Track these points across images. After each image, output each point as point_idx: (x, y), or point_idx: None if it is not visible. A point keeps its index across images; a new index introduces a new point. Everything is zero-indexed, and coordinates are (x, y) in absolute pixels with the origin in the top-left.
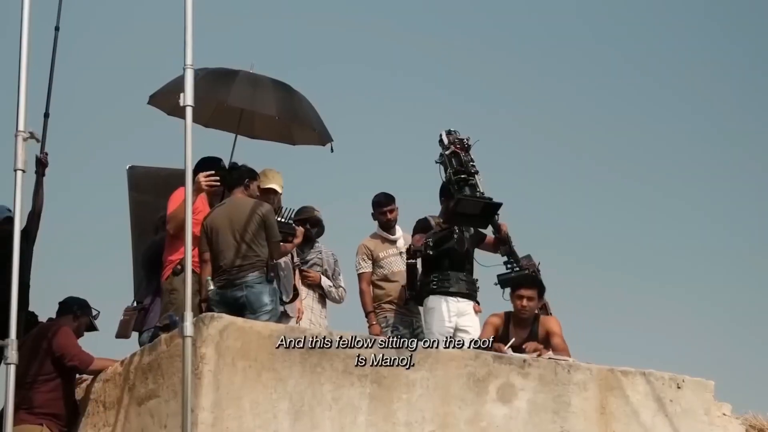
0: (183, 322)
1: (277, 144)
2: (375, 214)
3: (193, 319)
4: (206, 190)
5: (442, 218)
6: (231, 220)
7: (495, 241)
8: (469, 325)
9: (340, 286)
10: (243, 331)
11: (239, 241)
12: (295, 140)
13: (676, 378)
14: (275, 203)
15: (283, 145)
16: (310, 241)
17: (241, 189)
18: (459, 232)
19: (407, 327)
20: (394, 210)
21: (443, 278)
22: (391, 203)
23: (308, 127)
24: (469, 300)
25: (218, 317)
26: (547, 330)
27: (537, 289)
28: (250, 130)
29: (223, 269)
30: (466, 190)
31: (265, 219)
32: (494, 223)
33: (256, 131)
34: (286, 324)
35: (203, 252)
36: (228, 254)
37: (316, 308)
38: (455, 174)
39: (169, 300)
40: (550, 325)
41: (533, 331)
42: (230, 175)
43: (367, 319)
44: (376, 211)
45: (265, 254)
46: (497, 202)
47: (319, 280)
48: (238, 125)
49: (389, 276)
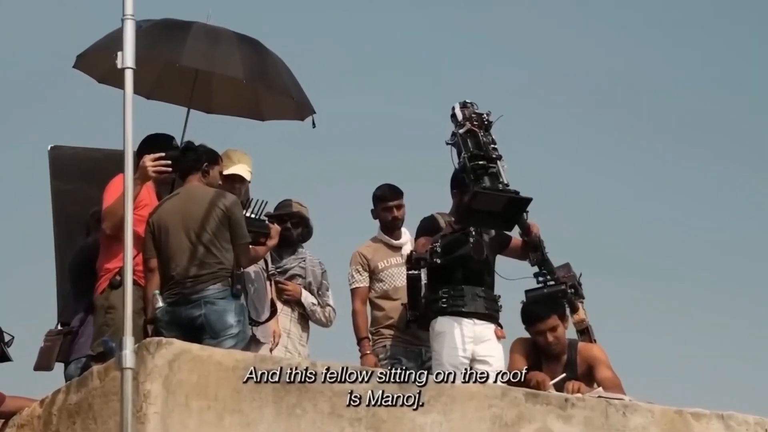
0: (122, 349)
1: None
2: (376, 212)
3: (134, 345)
4: (153, 178)
5: (454, 217)
6: (185, 217)
7: (523, 245)
8: (490, 355)
9: (327, 304)
10: (200, 362)
11: (196, 243)
12: (266, 113)
13: (764, 422)
14: (242, 194)
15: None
16: (289, 245)
17: (198, 176)
18: (476, 234)
19: (414, 359)
20: (402, 207)
21: (455, 294)
22: (397, 198)
23: (284, 94)
24: (489, 322)
25: (168, 343)
26: (589, 361)
27: (557, 313)
28: (208, 102)
29: (175, 280)
30: (485, 181)
31: (230, 214)
32: (522, 223)
33: (216, 102)
34: (257, 352)
35: (149, 258)
36: (181, 261)
37: (294, 332)
38: (471, 159)
39: (104, 321)
40: (594, 354)
41: (570, 362)
42: (184, 157)
43: (359, 348)
44: (378, 207)
45: (229, 260)
46: (526, 197)
47: (300, 295)
48: (191, 94)
49: (391, 293)
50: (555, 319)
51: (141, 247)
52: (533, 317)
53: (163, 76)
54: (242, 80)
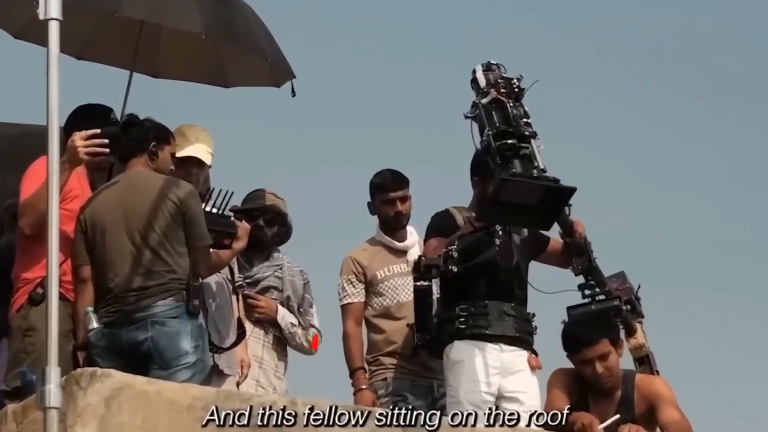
0: (44, 383)
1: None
2: (375, 206)
3: (61, 378)
4: (85, 161)
5: (475, 212)
6: (126, 212)
7: (564, 249)
8: (522, 391)
9: (311, 325)
10: (146, 399)
11: (140, 246)
12: (231, 78)
13: None
14: (201, 182)
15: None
16: (262, 248)
17: (144, 159)
18: (503, 235)
19: (423, 396)
20: (407, 199)
21: (477, 312)
22: (402, 187)
23: (255, 54)
24: (521, 348)
25: (104, 375)
26: (650, 398)
27: (608, 336)
28: (155, 63)
29: (113, 294)
30: (516, 165)
31: (185, 209)
32: (563, 221)
33: (167, 64)
34: (220, 387)
35: (80, 265)
36: (122, 269)
37: (268, 361)
38: (498, 137)
39: (21, 346)
40: (656, 390)
41: (626, 400)
42: (125, 135)
43: (352, 381)
44: (378, 199)
45: (184, 268)
46: (568, 186)
47: (275, 313)
48: (135, 53)
49: (393, 310)
50: (606, 345)
51: (70, 252)
52: (578, 342)
53: (99, 30)
54: (201, 35)
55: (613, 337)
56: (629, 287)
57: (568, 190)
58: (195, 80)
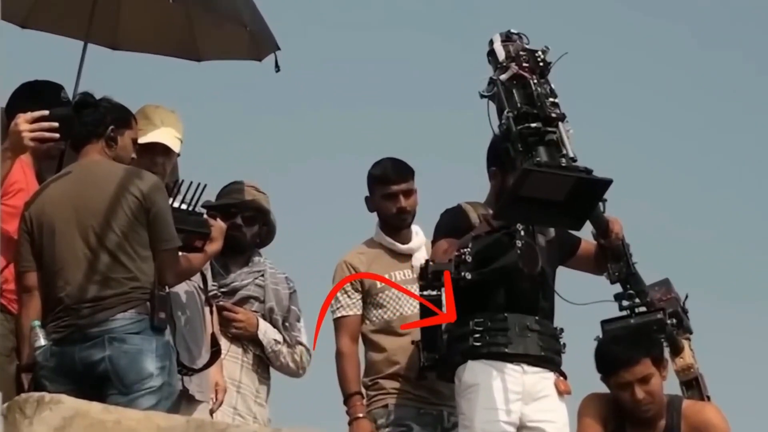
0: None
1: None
2: (374, 201)
3: (3, 405)
4: (31, 148)
5: (492, 208)
6: (80, 208)
7: (598, 252)
8: (549, 420)
9: (298, 342)
10: (102, 430)
11: (96, 248)
12: (205, 50)
13: None
14: (168, 173)
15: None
16: (241, 251)
17: (101, 145)
18: (526, 235)
19: (430, 426)
20: (412, 193)
21: (495, 327)
22: (405, 179)
23: (233, 22)
24: (547, 369)
25: (54, 402)
26: (700, 428)
27: (650, 355)
28: (114, 32)
29: (64, 305)
30: (540, 154)
31: (149, 204)
32: (597, 219)
33: (127, 33)
34: (190, 415)
35: (25, 271)
36: (75, 276)
37: (247, 384)
38: (519, 120)
39: None
40: (707, 419)
41: (671, 430)
42: (79, 117)
43: (347, 408)
44: (377, 194)
45: (148, 275)
46: (603, 178)
47: (256, 328)
48: (90, 20)
49: (396, 324)
50: (647, 365)
51: (12, 255)
52: (615, 362)
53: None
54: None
55: (655, 356)
56: (675, 297)
57: (603, 182)
58: (161, 52)
